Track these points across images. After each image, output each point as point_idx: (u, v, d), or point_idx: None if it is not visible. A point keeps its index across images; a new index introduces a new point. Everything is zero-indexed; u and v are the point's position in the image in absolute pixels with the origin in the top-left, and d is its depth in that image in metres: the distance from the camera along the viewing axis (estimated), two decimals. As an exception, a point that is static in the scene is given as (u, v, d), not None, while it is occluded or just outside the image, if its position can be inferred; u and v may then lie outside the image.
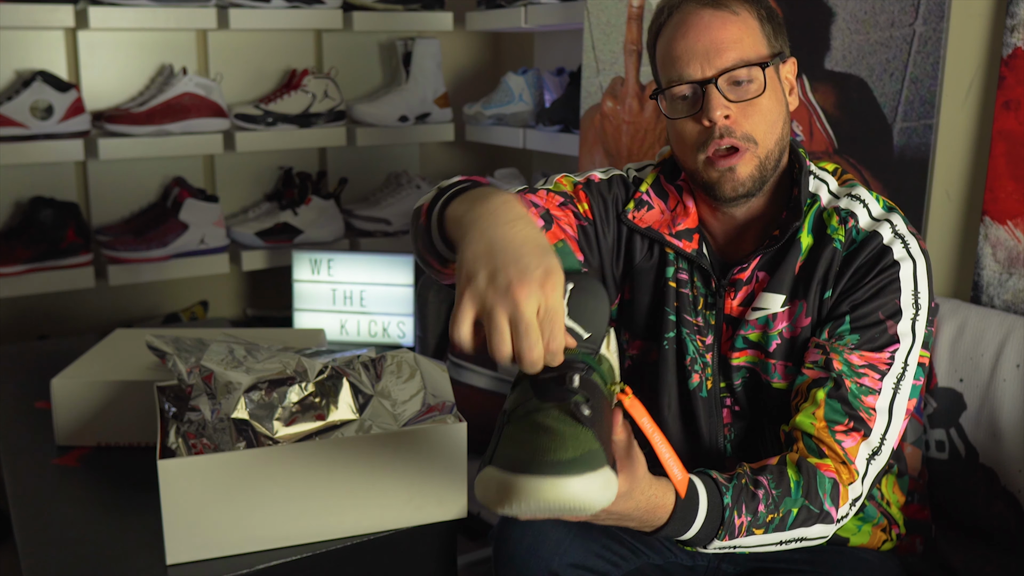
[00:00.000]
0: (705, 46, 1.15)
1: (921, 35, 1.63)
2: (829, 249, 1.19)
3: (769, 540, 1.11)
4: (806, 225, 1.21)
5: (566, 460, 0.85)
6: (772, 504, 1.09)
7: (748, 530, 1.09)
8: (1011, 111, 1.53)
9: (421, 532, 1.32)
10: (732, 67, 1.14)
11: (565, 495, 0.84)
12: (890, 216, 1.19)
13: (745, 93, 1.16)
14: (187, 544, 1.21)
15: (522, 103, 2.55)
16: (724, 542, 1.09)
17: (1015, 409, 1.44)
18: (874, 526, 1.30)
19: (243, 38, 2.57)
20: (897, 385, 1.15)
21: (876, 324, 1.15)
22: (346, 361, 1.38)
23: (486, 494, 0.87)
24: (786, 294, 1.21)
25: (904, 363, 1.16)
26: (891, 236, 1.17)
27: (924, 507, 1.43)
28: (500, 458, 0.88)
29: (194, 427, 1.31)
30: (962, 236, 1.65)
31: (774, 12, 1.22)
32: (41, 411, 1.72)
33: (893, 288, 1.15)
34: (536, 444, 0.86)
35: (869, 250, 1.17)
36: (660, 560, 1.32)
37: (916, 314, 1.16)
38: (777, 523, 1.10)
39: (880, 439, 1.15)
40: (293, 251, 2.48)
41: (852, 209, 1.20)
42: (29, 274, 2.24)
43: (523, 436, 0.89)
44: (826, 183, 1.24)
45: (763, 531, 1.09)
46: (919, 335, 1.17)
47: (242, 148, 2.44)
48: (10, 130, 2.18)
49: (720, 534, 1.08)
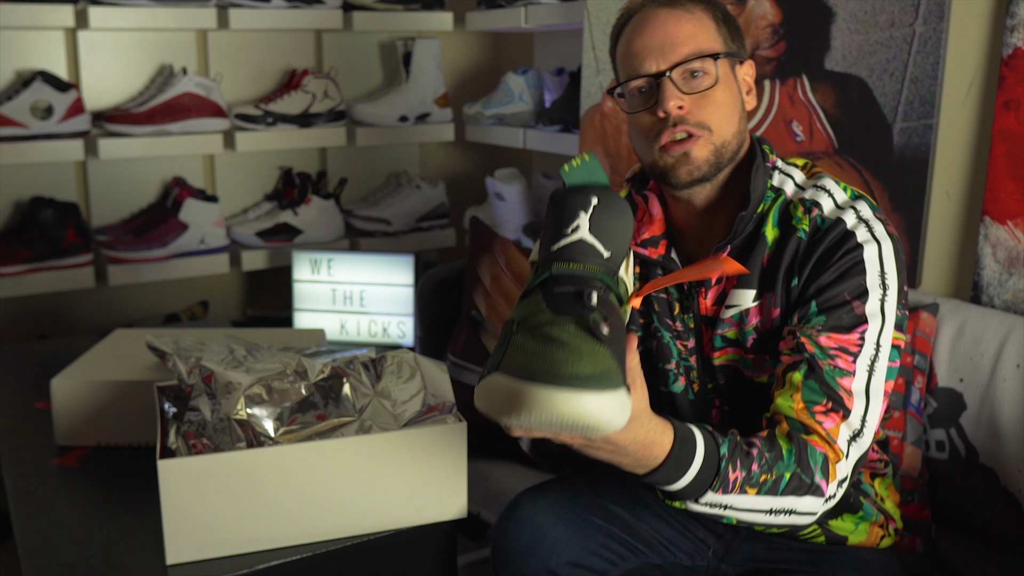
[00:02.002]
0: (660, 41, 1.20)
1: (921, 35, 1.63)
2: (794, 239, 1.20)
3: (760, 504, 1.09)
4: (771, 219, 1.22)
5: (584, 375, 0.80)
6: (766, 465, 1.08)
7: (742, 487, 1.07)
8: (1011, 111, 1.53)
9: (421, 532, 1.32)
10: (685, 59, 1.18)
11: (579, 410, 0.79)
12: (855, 203, 1.20)
13: (699, 85, 1.19)
14: (187, 544, 1.21)
15: (522, 103, 2.55)
16: (716, 496, 1.07)
17: (1015, 409, 1.44)
18: (872, 523, 1.30)
19: (243, 38, 2.57)
20: (872, 367, 1.15)
21: (842, 305, 1.15)
22: (346, 361, 1.38)
23: (490, 402, 0.83)
24: (756, 288, 1.23)
25: (876, 344, 1.15)
26: (855, 221, 1.18)
27: (924, 507, 1.43)
28: (509, 366, 0.83)
29: (194, 427, 1.31)
30: (962, 236, 1.65)
31: (731, 17, 1.27)
32: (41, 411, 1.72)
33: (858, 269, 1.16)
34: (551, 355, 0.82)
35: (833, 236, 1.17)
36: (659, 560, 1.32)
37: (884, 295, 1.16)
38: (770, 485, 1.08)
39: (860, 421, 1.14)
40: (293, 251, 2.48)
41: (817, 199, 1.21)
42: (29, 274, 2.24)
43: (536, 346, 0.84)
44: (792, 177, 1.25)
45: (756, 491, 1.08)
46: (889, 315, 1.16)
47: (242, 148, 2.44)
48: (10, 130, 2.18)
49: (714, 485, 1.06)
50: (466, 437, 1.31)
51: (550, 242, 0.94)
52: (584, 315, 0.86)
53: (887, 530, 1.32)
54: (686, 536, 1.34)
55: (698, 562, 1.33)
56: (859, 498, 1.29)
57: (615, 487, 1.36)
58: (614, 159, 2.20)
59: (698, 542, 1.34)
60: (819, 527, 1.27)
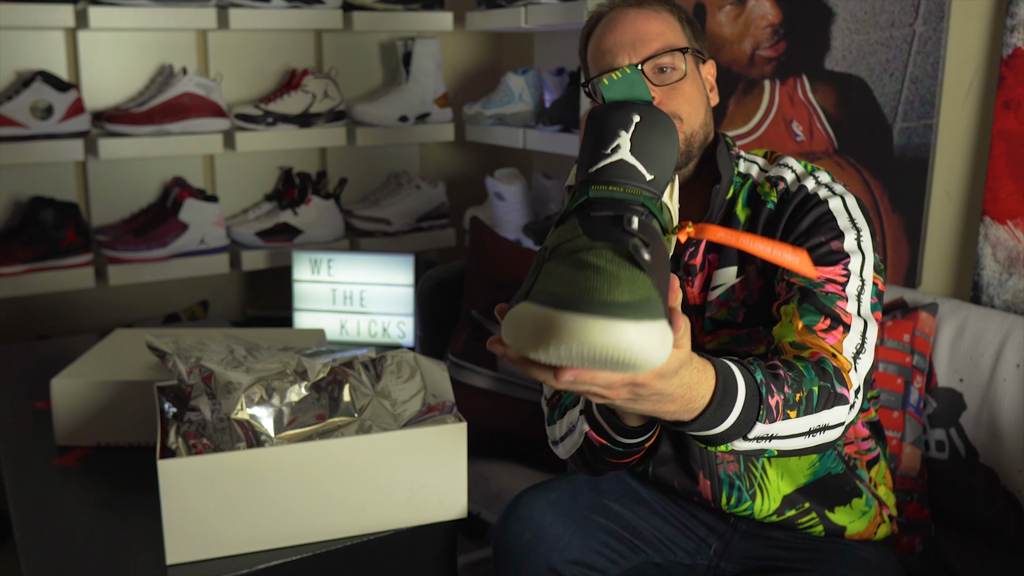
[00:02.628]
0: (631, 37, 1.25)
1: (921, 35, 1.63)
2: (764, 212, 1.26)
3: (800, 427, 1.04)
4: (740, 200, 1.28)
5: (621, 302, 0.72)
6: (795, 383, 1.03)
7: (784, 412, 1.02)
8: (1011, 111, 1.53)
9: (421, 532, 1.32)
10: (655, 54, 1.24)
11: (617, 340, 0.71)
12: (814, 173, 1.27)
13: (669, 78, 1.25)
14: (187, 544, 1.21)
15: (522, 103, 2.55)
16: (764, 427, 1.00)
17: (1015, 409, 1.44)
18: (868, 512, 1.31)
19: (243, 38, 2.57)
20: (859, 297, 1.17)
21: (820, 246, 1.19)
22: (346, 361, 1.38)
23: (519, 333, 0.74)
24: (737, 264, 1.26)
25: (860, 276, 1.18)
26: (815, 185, 1.25)
27: (924, 507, 1.43)
28: (540, 294, 0.75)
29: (194, 427, 1.31)
30: (962, 236, 1.65)
31: (693, 19, 1.33)
32: (41, 411, 1.72)
33: (827, 218, 1.21)
34: (586, 282, 0.74)
35: (798, 200, 1.24)
36: (659, 558, 1.32)
37: (859, 234, 1.20)
38: (805, 403, 1.04)
39: (861, 337, 1.14)
40: (293, 251, 2.48)
41: (780, 174, 1.27)
42: (29, 274, 2.24)
43: (570, 273, 0.76)
44: (756, 163, 1.32)
45: (796, 412, 1.02)
46: (867, 252, 1.20)
47: (242, 148, 2.44)
48: (10, 130, 2.18)
49: (760, 415, 0.99)
50: (466, 437, 1.31)
51: (587, 164, 0.87)
52: (623, 240, 0.79)
53: (882, 517, 1.32)
54: (686, 534, 1.34)
55: (698, 560, 1.33)
56: (855, 483, 1.30)
57: (616, 485, 1.36)
58: (614, 159, 2.19)
59: (698, 540, 1.34)
60: (817, 517, 1.28)
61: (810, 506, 1.29)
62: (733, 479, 1.29)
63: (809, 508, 1.29)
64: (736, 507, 1.30)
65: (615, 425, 1.11)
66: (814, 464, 1.29)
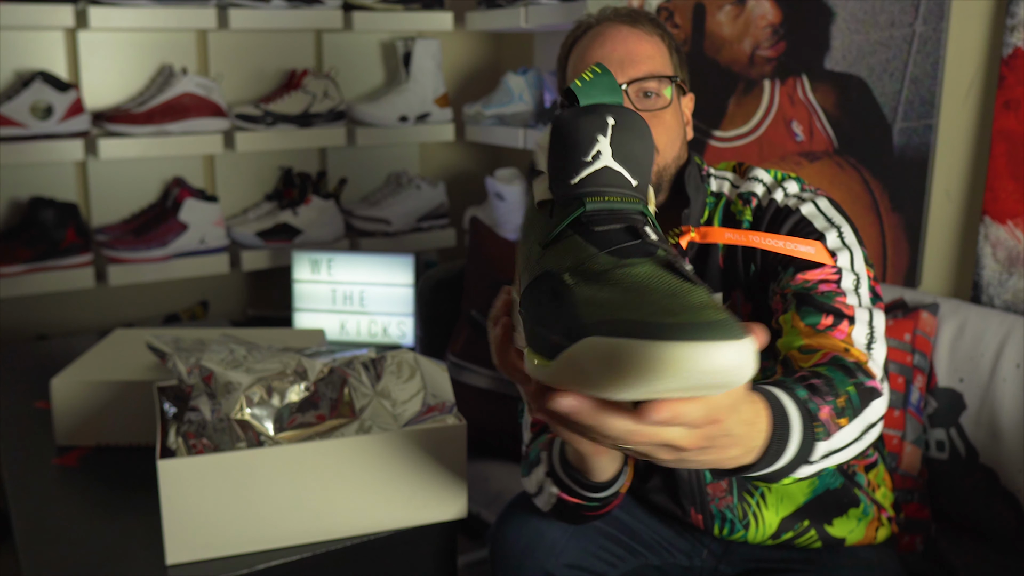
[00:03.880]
0: (620, 55, 1.21)
1: (921, 35, 1.63)
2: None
3: (852, 433, 0.97)
4: (717, 220, 1.24)
5: (709, 321, 0.63)
6: (832, 389, 0.97)
7: (835, 422, 0.95)
8: (1011, 111, 1.53)
9: (421, 532, 1.32)
10: (643, 77, 1.20)
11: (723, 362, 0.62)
12: (783, 183, 1.22)
13: (652, 105, 1.21)
14: (187, 544, 1.21)
15: (522, 103, 2.55)
16: (825, 443, 0.93)
17: (1015, 409, 1.44)
18: (867, 519, 1.30)
19: (243, 38, 2.57)
20: (857, 291, 1.12)
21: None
22: (346, 361, 1.38)
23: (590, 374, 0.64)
24: (721, 291, 1.23)
25: (853, 271, 1.14)
26: (783, 197, 1.21)
27: (924, 506, 1.43)
28: (600, 325, 0.64)
29: (194, 427, 1.31)
30: (962, 236, 1.65)
31: (681, 49, 1.31)
32: (41, 411, 1.72)
33: (803, 224, 1.17)
34: (658, 303, 0.65)
35: (770, 214, 1.20)
36: (657, 560, 1.32)
37: (840, 231, 1.16)
38: (849, 407, 0.97)
39: (868, 327, 1.10)
40: (293, 251, 2.48)
41: (751, 189, 1.23)
42: (29, 274, 2.24)
43: (623, 296, 0.67)
44: (726, 179, 1.28)
45: (846, 419, 0.96)
46: (853, 247, 1.15)
47: (242, 148, 2.44)
48: (10, 130, 2.18)
49: (818, 434, 0.91)
50: (466, 437, 1.31)
51: (565, 174, 0.78)
52: (652, 252, 0.72)
53: (881, 521, 1.31)
54: (684, 537, 1.34)
55: (696, 562, 1.33)
56: (854, 491, 1.29)
57: None
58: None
59: (696, 542, 1.34)
60: (816, 533, 1.27)
61: (808, 524, 1.27)
62: (725, 513, 1.27)
63: (808, 526, 1.27)
64: (730, 535, 1.29)
65: (583, 483, 1.07)
66: (814, 483, 1.27)
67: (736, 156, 1.97)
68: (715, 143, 2.02)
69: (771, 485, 1.26)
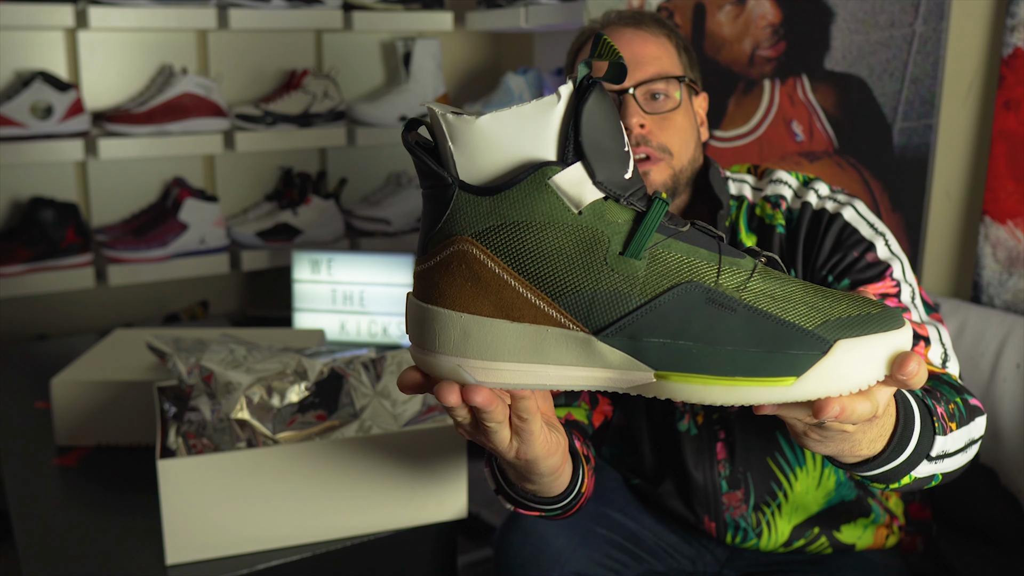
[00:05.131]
0: (626, 57, 1.18)
1: (921, 35, 1.63)
2: (775, 237, 1.19)
3: (960, 441, 0.95)
4: (742, 226, 1.22)
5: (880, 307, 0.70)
6: (942, 396, 0.95)
7: (948, 424, 0.92)
8: (1011, 111, 1.53)
9: (421, 532, 1.32)
10: (650, 79, 1.18)
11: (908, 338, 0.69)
12: (812, 184, 1.20)
13: (661, 107, 1.19)
14: (187, 544, 1.21)
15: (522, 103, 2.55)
16: (941, 441, 0.90)
17: (1015, 409, 1.44)
18: (878, 525, 1.29)
19: (243, 38, 2.57)
20: (914, 303, 1.11)
21: (856, 262, 1.14)
22: (346, 361, 1.38)
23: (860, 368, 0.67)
24: None
25: (908, 282, 1.13)
26: (817, 199, 1.19)
27: (925, 506, 1.43)
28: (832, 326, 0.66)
29: (194, 427, 1.31)
30: (962, 236, 1.65)
31: (690, 48, 1.28)
32: (41, 411, 1.72)
33: (849, 231, 1.15)
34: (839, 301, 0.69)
35: (807, 219, 1.17)
36: (663, 567, 1.32)
37: (886, 240, 1.15)
38: (958, 415, 0.95)
39: (941, 344, 1.08)
40: (293, 251, 2.48)
41: (779, 192, 1.21)
42: (29, 274, 2.24)
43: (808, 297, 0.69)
44: (746, 182, 1.26)
45: (956, 424, 0.94)
46: (901, 255, 1.15)
47: (242, 148, 2.44)
48: (10, 130, 2.18)
49: (936, 427, 0.89)
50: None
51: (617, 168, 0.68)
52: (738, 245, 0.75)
53: (892, 529, 1.31)
54: (690, 542, 1.33)
55: (701, 568, 1.33)
56: (867, 501, 1.28)
57: (617, 495, 1.35)
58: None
59: (701, 548, 1.33)
60: (826, 539, 1.26)
61: (819, 531, 1.26)
62: (739, 522, 1.26)
63: (819, 533, 1.26)
64: (743, 543, 1.28)
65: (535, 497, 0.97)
66: (829, 493, 1.26)
67: (736, 156, 1.97)
68: (715, 143, 2.02)
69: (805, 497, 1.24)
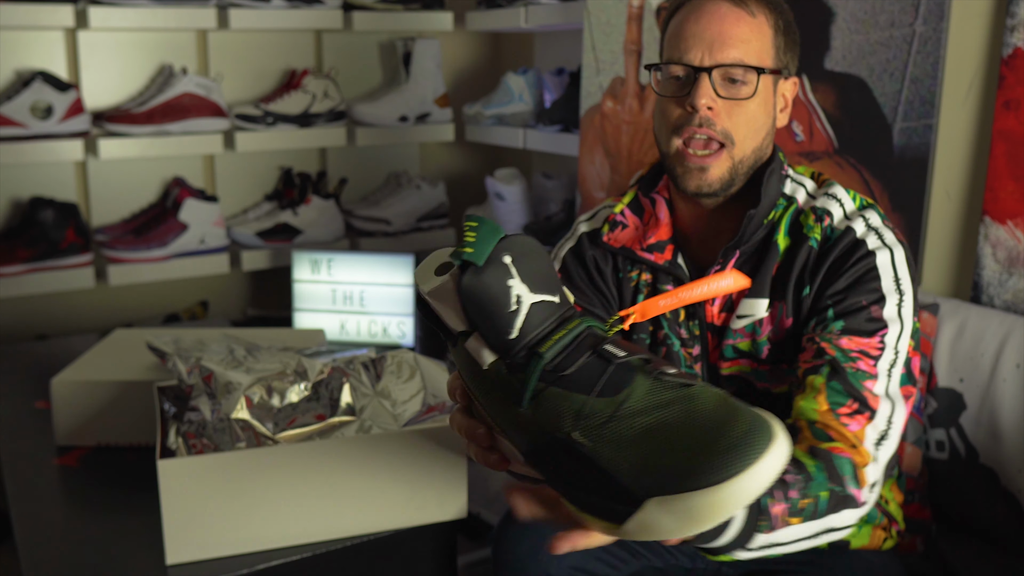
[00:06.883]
0: (712, 35, 1.15)
1: (921, 35, 1.63)
2: (805, 248, 1.18)
3: (804, 532, 1.01)
4: (783, 227, 1.21)
5: (742, 434, 0.67)
6: (802, 490, 1.00)
7: (785, 520, 0.98)
8: (1011, 111, 1.53)
9: (421, 532, 1.32)
10: (730, 63, 1.15)
11: (770, 471, 0.67)
12: (864, 212, 1.18)
13: (736, 92, 1.16)
14: (187, 544, 1.21)
15: (522, 103, 2.55)
16: (765, 536, 0.97)
17: (1015, 409, 1.44)
18: (875, 526, 1.29)
19: (243, 38, 2.57)
20: (890, 372, 1.12)
21: (860, 310, 1.13)
22: (346, 361, 1.38)
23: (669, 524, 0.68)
24: (768, 297, 1.20)
25: (895, 349, 1.12)
26: (864, 229, 1.16)
27: (924, 507, 1.43)
28: (650, 484, 0.68)
29: (194, 427, 1.31)
30: (962, 236, 1.65)
31: (793, 28, 1.22)
32: (41, 411, 1.72)
33: (872, 276, 1.14)
34: (684, 446, 0.68)
35: (843, 244, 1.16)
36: (660, 563, 1.32)
37: (901, 300, 1.14)
38: (811, 510, 1.00)
39: (887, 423, 1.10)
40: (293, 251, 2.48)
41: (827, 207, 1.19)
42: (29, 274, 2.24)
43: (646, 448, 0.70)
44: (804, 186, 1.24)
45: (800, 519, 0.99)
46: (907, 321, 1.14)
47: (242, 148, 2.44)
48: (10, 130, 2.18)
49: (761, 526, 0.95)
50: (466, 437, 1.31)
51: (500, 334, 0.77)
52: (632, 366, 0.74)
53: (889, 532, 1.31)
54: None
55: (699, 564, 1.33)
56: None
57: None
58: (614, 159, 2.20)
59: (698, 544, 1.34)
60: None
61: None
62: None
63: None
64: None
65: None
66: None
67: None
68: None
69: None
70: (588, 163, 2.27)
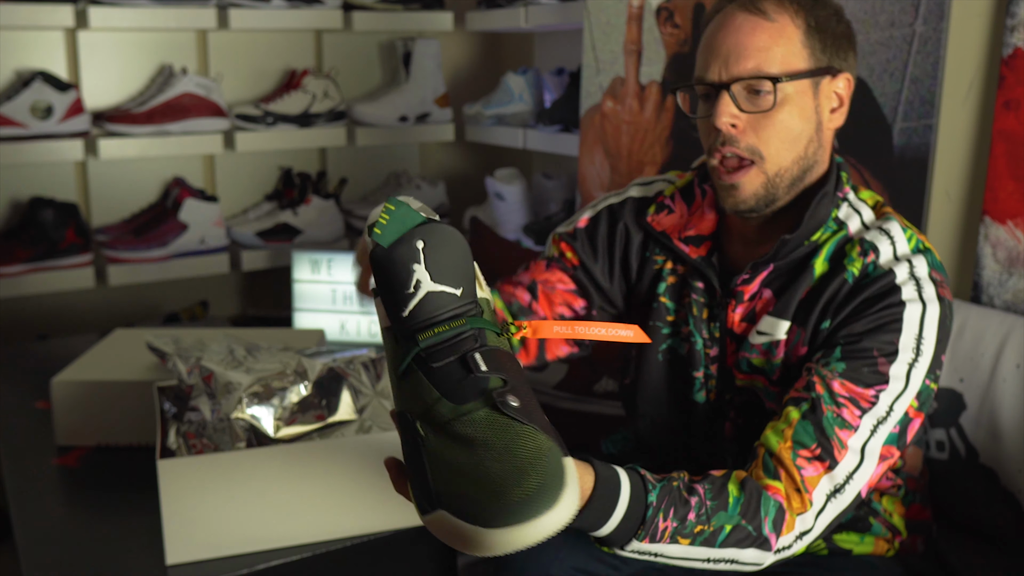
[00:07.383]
0: (728, 49, 1.12)
1: (921, 35, 1.63)
2: (839, 280, 1.13)
3: (695, 554, 1.00)
4: (825, 251, 1.16)
5: (532, 492, 0.72)
6: (704, 516, 0.99)
7: (672, 537, 0.98)
8: (1011, 111, 1.53)
9: (421, 532, 1.32)
10: (746, 76, 1.10)
11: (544, 531, 0.73)
12: (914, 258, 1.12)
13: (762, 104, 1.11)
14: (187, 544, 1.21)
15: (522, 103, 2.55)
16: (643, 544, 0.97)
17: (1015, 409, 1.44)
18: (878, 538, 1.28)
19: (243, 38, 2.57)
20: (875, 428, 1.07)
21: (866, 358, 1.08)
22: (346, 361, 1.38)
23: (447, 538, 0.76)
24: (790, 320, 1.16)
25: (889, 408, 1.07)
26: (906, 276, 1.11)
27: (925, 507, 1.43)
28: (448, 497, 0.74)
29: (194, 427, 1.31)
30: (962, 236, 1.65)
31: (829, 23, 1.16)
32: (41, 411, 1.72)
33: (894, 327, 1.08)
34: (489, 476, 0.73)
35: (878, 287, 1.10)
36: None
37: (915, 360, 1.08)
38: (706, 537, 0.99)
39: (846, 478, 1.05)
40: (293, 251, 2.48)
41: (876, 243, 1.14)
42: (29, 274, 2.24)
43: (462, 461, 0.75)
44: (860, 213, 1.19)
45: (689, 542, 0.99)
46: (914, 383, 1.08)
47: (242, 148, 2.44)
48: (10, 130, 2.18)
49: (639, 534, 0.96)
50: (466, 437, 1.31)
51: (395, 307, 0.82)
52: (482, 391, 0.78)
53: (892, 544, 1.30)
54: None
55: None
56: (868, 519, 1.27)
57: None
58: (614, 159, 2.20)
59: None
60: (823, 540, 1.26)
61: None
62: None
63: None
64: None
65: None
66: None
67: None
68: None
69: None
70: (588, 163, 2.27)
